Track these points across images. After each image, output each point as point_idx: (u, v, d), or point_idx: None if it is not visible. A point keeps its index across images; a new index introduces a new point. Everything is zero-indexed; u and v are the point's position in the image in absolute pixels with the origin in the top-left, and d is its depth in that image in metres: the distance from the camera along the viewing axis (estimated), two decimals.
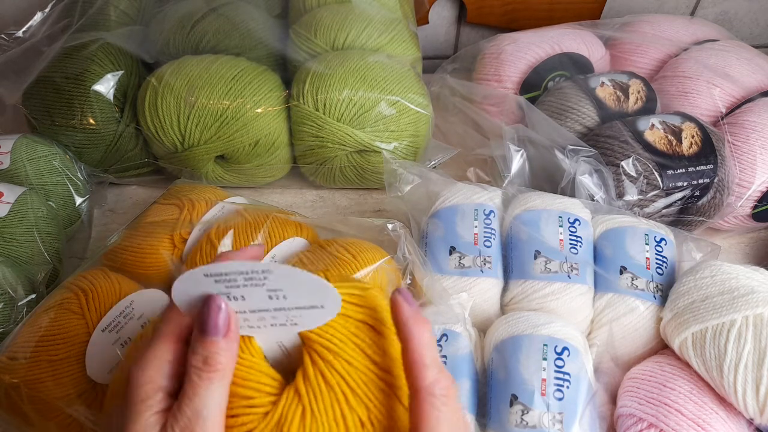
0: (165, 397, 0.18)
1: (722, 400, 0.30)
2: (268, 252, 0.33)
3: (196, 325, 0.18)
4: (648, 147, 0.38)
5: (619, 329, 0.33)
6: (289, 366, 0.20)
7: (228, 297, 0.18)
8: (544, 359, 0.30)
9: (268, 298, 0.18)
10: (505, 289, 0.35)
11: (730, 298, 0.30)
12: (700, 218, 0.40)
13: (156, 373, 0.18)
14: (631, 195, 0.38)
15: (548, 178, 0.41)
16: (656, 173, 0.38)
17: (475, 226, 0.35)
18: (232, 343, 0.18)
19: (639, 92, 0.43)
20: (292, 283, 0.18)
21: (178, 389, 0.19)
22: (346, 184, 0.47)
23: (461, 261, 0.34)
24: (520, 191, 0.38)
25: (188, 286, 0.18)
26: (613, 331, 0.33)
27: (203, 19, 0.44)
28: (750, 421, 0.29)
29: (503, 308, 0.35)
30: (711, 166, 0.38)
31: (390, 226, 0.35)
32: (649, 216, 0.39)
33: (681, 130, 0.39)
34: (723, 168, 0.39)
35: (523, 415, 0.28)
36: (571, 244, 0.34)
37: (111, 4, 0.46)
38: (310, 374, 0.19)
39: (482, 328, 0.34)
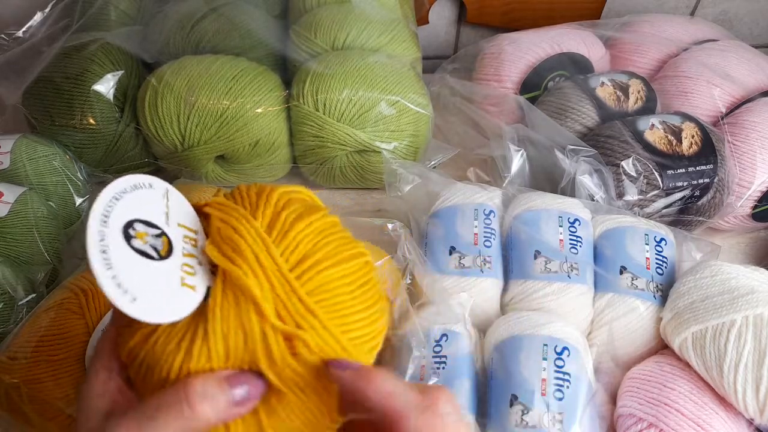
0: (105, 412, 0.17)
1: (722, 400, 0.30)
2: None
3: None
4: (648, 147, 0.38)
5: (619, 329, 0.33)
6: None
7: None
8: (544, 359, 0.30)
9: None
10: (505, 289, 0.35)
11: (730, 298, 0.30)
12: (700, 218, 0.40)
13: (98, 392, 0.18)
14: (631, 195, 0.38)
15: (548, 178, 0.41)
16: (656, 173, 0.38)
17: (475, 226, 0.35)
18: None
19: (639, 92, 0.43)
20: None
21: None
22: (346, 184, 0.47)
23: (461, 261, 0.34)
24: (520, 191, 0.38)
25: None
26: (613, 331, 0.33)
27: (203, 19, 0.44)
28: (750, 421, 0.29)
29: (503, 308, 0.35)
30: (711, 166, 0.38)
31: (390, 226, 0.35)
32: (649, 216, 0.39)
33: (681, 130, 0.39)
34: (723, 168, 0.39)
35: (523, 415, 0.28)
36: (571, 244, 0.34)
37: (111, 4, 0.46)
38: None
39: (482, 328, 0.34)
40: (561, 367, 0.29)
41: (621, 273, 0.34)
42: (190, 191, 0.39)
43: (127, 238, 0.17)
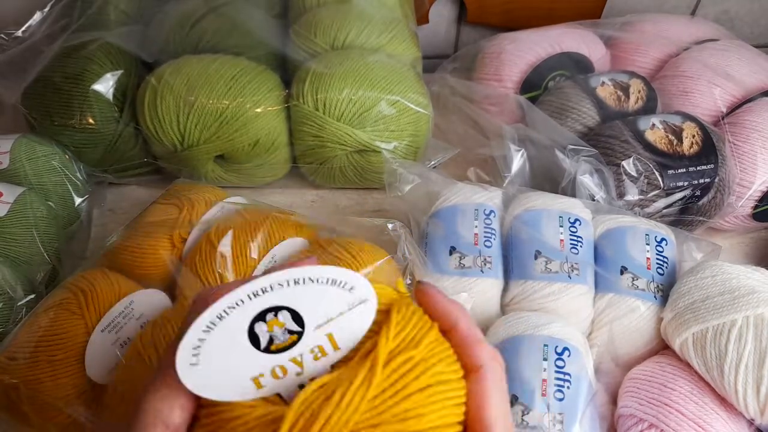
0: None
1: (723, 401, 0.29)
2: (267, 252, 0.33)
3: None
4: (649, 147, 0.38)
5: (620, 329, 0.33)
6: None
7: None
8: (545, 360, 0.30)
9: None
10: (505, 290, 0.35)
11: (730, 298, 0.30)
12: (701, 218, 0.40)
13: (167, 403, 0.16)
14: (632, 195, 0.38)
15: (549, 178, 0.41)
16: (657, 173, 0.38)
17: (476, 226, 0.35)
18: None
19: (639, 92, 0.43)
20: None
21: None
22: (346, 184, 0.46)
23: (461, 261, 0.34)
24: (520, 191, 0.38)
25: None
26: (613, 332, 0.33)
27: (203, 19, 0.44)
28: (751, 422, 0.29)
29: (503, 308, 0.35)
30: (712, 166, 0.38)
31: (390, 226, 0.35)
32: (649, 216, 0.39)
33: (682, 130, 0.39)
34: (724, 168, 0.39)
35: (523, 415, 0.28)
36: (571, 244, 0.34)
37: (110, 3, 0.46)
38: None
39: (482, 329, 0.34)
40: (561, 367, 0.29)
41: (621, 273, 0.34)
42: (191, 191, 0.39)
43: (259, 318, 0.16)
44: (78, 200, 0.42)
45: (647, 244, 0.35)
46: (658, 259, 0.34)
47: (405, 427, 0.15)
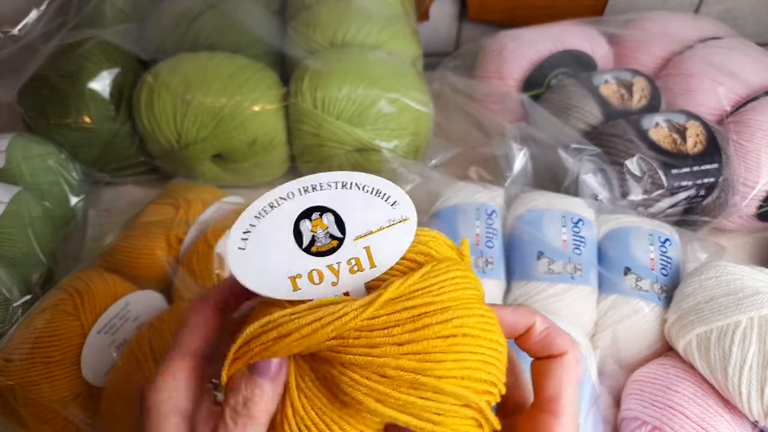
0: (182, 420, 0.17)
1: (727, 403, 0.29)
2: None
3: (248, 365, 0.17)
4: (652, 146, 0.38)
5: (624, 331, 0.32)
6: None
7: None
8: None
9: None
10: (507, 291, 0.35)
11: (734, 299, 0.30)
12: (705, 218, 0.40)
13: (174, 393, 0.17)
14: (636, 194, 0.37)
15: (551, 178, 0.40)
16: (661, 172, 0.37)
17: (477, 227, 0.35)
18: (277, 389, 0.17)
19: (643, 90, 0.43)
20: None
21: (195, 411, 0.17)
22: None
23: None
24: (522, 190, 0.38)
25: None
26: (617, 333, 0.32)
27: (200, 16, 0.44)
28: (755, 424, 0.29)
29: None
30: (716, 166, 0.38)
31: None
32: (653, 216, 0.38)
33: (685, 129, 0.39)
34: (728, 167, 0.38)
35: None
36: (574, 244, 0.34)
37: (107, 1, 0.46)
38: None
39: None
40: None
41: (625, 274, 0.33)
42: (188, 191, 0.38)
43: (305, 215, 0.17)
44: (74, 200, 0.42)
45: (651, 245, 0.34)
46: (662, 259, 0.34)
47: (423, 362, 0.15)
